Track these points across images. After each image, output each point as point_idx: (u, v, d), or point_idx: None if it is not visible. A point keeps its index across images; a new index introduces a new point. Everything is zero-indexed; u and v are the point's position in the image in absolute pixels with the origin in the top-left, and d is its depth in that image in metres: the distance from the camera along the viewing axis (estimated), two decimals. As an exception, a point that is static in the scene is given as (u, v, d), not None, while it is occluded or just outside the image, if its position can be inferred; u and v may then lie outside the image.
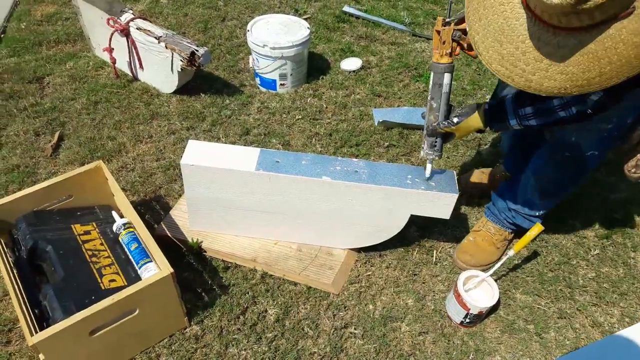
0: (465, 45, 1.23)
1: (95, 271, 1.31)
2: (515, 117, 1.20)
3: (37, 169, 1.85)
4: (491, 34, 0.98)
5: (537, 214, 1.52)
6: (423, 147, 1.37)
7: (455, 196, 1.38)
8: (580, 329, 1.45)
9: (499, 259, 1.58)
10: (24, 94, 2.18)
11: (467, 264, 1.56)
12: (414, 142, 2.03)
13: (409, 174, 1.42)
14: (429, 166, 1.37)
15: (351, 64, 2.46)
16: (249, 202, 1.47)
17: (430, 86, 1.28)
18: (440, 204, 1.40)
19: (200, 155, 1.41)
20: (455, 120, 1.29)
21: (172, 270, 1.22)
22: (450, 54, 1.23)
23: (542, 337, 1.43)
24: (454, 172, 1.44)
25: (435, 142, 1.34)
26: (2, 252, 1.31)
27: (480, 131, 1.33)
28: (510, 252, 1.44)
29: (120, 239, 1.42)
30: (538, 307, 1.50)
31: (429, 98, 1.30)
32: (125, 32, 2.16)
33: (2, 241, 1.37)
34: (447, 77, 1.24)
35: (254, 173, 1.38)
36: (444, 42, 1.21)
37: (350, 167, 1.41)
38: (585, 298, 1.53)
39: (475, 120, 1.28)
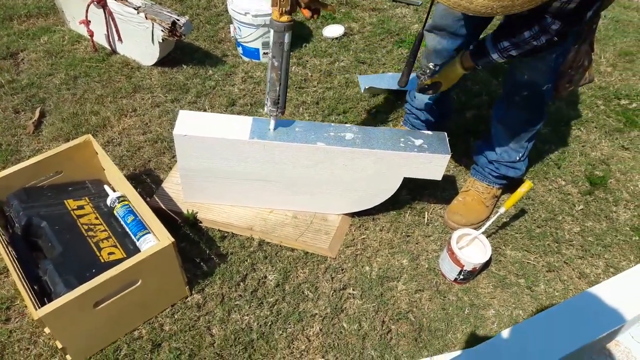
0: (302, 3, 1.24)
1: (92, 245, 1.30)
2: (496, 51, 1.27)
3: (20, 147, 1.80)
4: None
5: (517, 158, 1.58)
6: (266, 104, 1.38)
7: (447, 157, 1.41)
8: (568, 281, 1.52)
9: (489, 217, 1.63)
10: (-1, 71, 2.10)
11: (458, 224, 1.60)
12: (400, 107, 2.05)
13: (402, 137, 1.43)
14: (272, 121, 1.40)
15: (333, 31, 2.45)
16: (244, 171, 1.47)
17: (271, 44, 1.28)
18: (432, 165, 1.43)
19: (192, 126, 1.39)
20: (436, 68, 1.44)
21: (172, 239, 1.22)
22: (290, 12, 1.22)
23: (532, 290, 1.49)
24: (445, 133, 1.46)
25: (278, 99, 1.36)
26: (-5, 229, 1.29)
27: (467, 71, 1.41)
28: (501, 210, 1.48)
29: (115, 212, 1.41)
30: (527, 262, 1.55)
31: (270, 56, 1.30)
32: (102, 3, 2.09)
33: (-8, 219, 1.35)
34: (287, 36, 1.25)
35: (248, 141, 1.37)
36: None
37: (343, 133, 1.42)
38: (571, 251, 1.59)
39: (456, 64, 1.40)
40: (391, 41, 2.44)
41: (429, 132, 1.47)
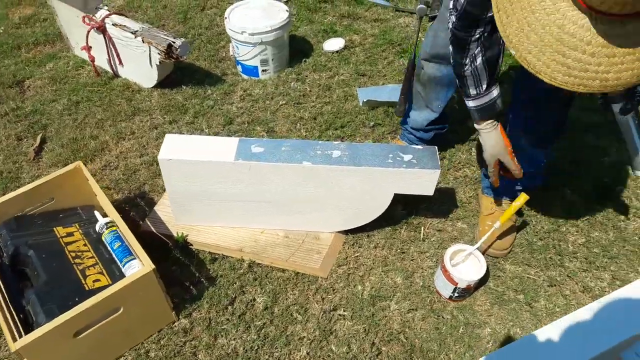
0: None
1: (78, 272, 1.31)
2: None
3: (21, 173, 1.84)
4: (548, 47, 0.88)
5: (542, 164, 1.50)
6: None
7: (437, 172, 1.36)
8: (571, 295, 1.44)
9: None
10: (5, 99, 2.17)
11: (502, 250, 1.52)
12: (399, 120, 2.00)
13: (391, 153, 1.40)
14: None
15: (334, 44, 2.43)
16: (232, 193, 1.46)
17: None
18: (422, 181, 1.39)
19: (178, 149, 1.39)
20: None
21: (153, 266, 1.22)
22: None
23: (532, 307, 1.42)
24: (435, 147, 1.42)
25: None
26: (-15, 259, 1.31)
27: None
28: (496, 224, 1.42)
29: (103, 238, 1.42)
30: (528, 277, 1.48)
31: None
32: (102, 29, 2.13)
33: (-15, 249, 1.38)
34: None
35: (234, 163, 1.36)
36: None
37: (330, 150, 1.39)
38: (575, 264, 1.51)
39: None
40: (393, 52, 2.41)
41: (419, 147, 1.42)
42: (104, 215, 1.49)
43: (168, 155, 1.38)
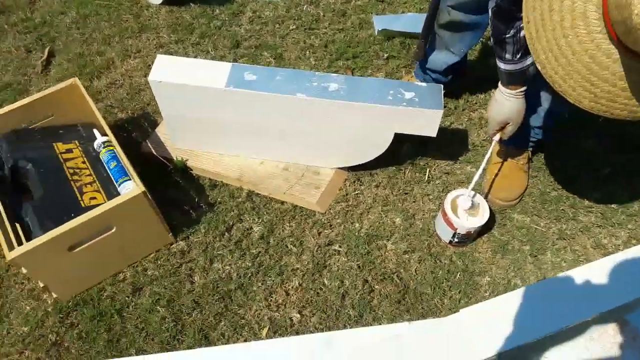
0: None
1: (75, 189, 1.31)
2: None
3: (30, 86, 1.82)
4: (576, 72, 0.83)
5: (565, 115, 1.41)
6: None
7: (440, 112, 1.29)
8: (581, 251, 1.39)
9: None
10: (14, 9, 2.10)
11: (507, 200, 1.47)
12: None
13: (391, 89, 1.31)
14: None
15: (355, -34, 2.25)
16: (226, 120, 1.41)
17: None
18: (423, 121, 1.31)
19: (169, 71, 1.33)
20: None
21: (143, 188, 1.20)
22: None
23: (537, 259, 1.38)
24: (441, 86, 1.33)
25: None
26: (-15, 170, 1.31)
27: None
28: (496, 138, 1.31)
29: (100, 157, 1.40)
30: (536, 228, 1.43)
31: None
32: (109, -64, 2.01)
33: (-15, 160, 1.38)
34: None
35: (224, 90, 1.30)
36: None
37: (327, 83, 1.32)
38: (589, 219, 1.45)
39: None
40: (418, -23, 2.23)
41: (423, 84, 1.33)
42: (103, 134, 1.47)
43: (158, 77, 1.32)
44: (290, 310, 1.29)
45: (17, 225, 1.23)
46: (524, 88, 1.18)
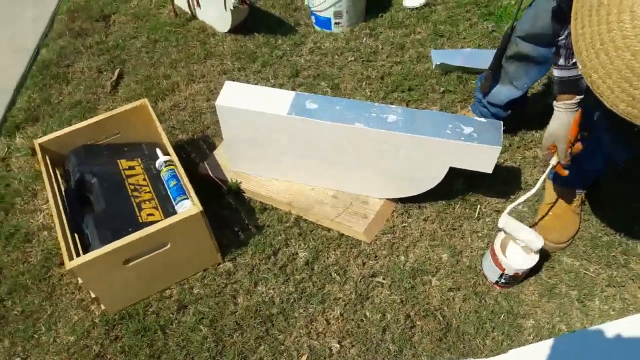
0: None
1: (135, 205, 1.38)
2: None
3: (98, 105, 1.95)
4: (616, 72, 0.80)
5: (624, 161, 1.35)
6: None
7: (498, 149, 1.28)
8: (630, 300, 1.33)
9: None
10: (91, 32, 2.27)
11: (558, 242, 1.43)
12: (474, 87, 1.88)
13: (450, 123, 1.32)
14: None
15: (415, 0, 2.29)
16: (283, 145, 1.45)
17: None
18: (481, 156, 1.31)
19: (235, 97, 1.40)
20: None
21: (201, 208, 1.26)
22: None
23: (584, 305, 1.33)
24: (501, 122, 1.32)
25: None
26: (55, 181, 1.41)
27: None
28: (553, 161, 1.29)
29: (161, 175, 1.48)
30: (585, 273, 1.38)
31: None
32: (183, -32, 2.15)
33: (57, 172, 1.48)
34: None
35: (286, 117, 1.35)
36: None
37: (386, 114, 1.34)
38: (642, 267, 1.39)
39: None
40: (477, 13, 2.24)
41: (483, 120, 1.33)
42: (166, 153, 1.55)
43: (225, 102, 1.40)
44: (330, 339, 1.30)
45: (76, 236, 1.31)
46: (575, 100, 1.18)
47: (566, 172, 1.28)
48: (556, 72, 1.18)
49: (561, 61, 1.16)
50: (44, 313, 1.39)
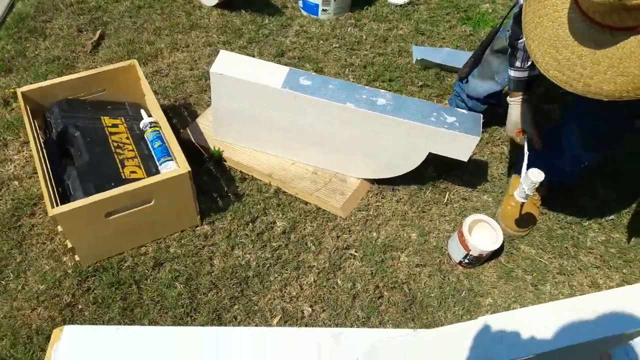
0: None
1: (118, 161, 1.39)
2: None
3: (76, 63, 1.92)
4: (547, 40, 0.97)
5: (584, 165, 1.47)
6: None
7: (476, 139, 1.37)
8: (577, 287, 1.46)
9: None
10: (72, -10, 2.22)
11: (518, 230, 1.54)
12: (450, 85, 1.99)
13: (435, 111, 1.40)
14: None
15: (399, -2, 2.38)
16: (272, 119, 1.49)
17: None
18: (460, 145, 1.40)
19: (230, 66, 1.43)
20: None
21: (189, 168, 1.28)
22: None
23: (537, 289, 1.45)
24: (481, 115, 1.42)
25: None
26: (35, 132, 1.39)
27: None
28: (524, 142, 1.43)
29: (145, 135, 1.49)
30: (540, 260, 1.50)
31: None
32: (175, -63, 2.14)
33: (35, 122, 1.46)
34: None
35: (280, 90, 1.39)
36: None
37: (376, 97, 1.41)
38: (589, 259, 1.52)
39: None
40: (457, 17, 2.35)
41: (464, 111, 1.43)
42: (149, 115, 1.56)
43: (220, 70, 1.42)
44: (303, 303, 1.35)
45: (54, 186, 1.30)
46: (524, 96, 1.38)
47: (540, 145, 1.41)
48: (512, 73, 1.35)
49: (517, 63, 1.32)
50: (12, 260, 1.37)
